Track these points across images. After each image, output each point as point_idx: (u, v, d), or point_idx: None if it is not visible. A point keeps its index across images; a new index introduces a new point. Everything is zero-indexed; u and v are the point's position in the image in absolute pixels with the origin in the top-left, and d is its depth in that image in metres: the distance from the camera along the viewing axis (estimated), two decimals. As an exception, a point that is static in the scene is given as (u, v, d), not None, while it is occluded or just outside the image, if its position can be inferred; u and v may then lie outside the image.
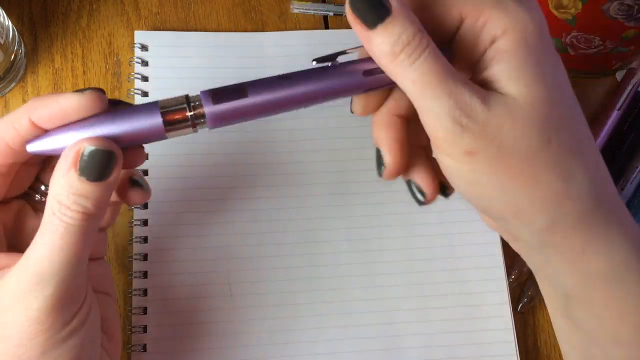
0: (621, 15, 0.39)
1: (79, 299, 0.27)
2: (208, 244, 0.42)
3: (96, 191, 0.26)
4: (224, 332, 0.40)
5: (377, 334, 0.41)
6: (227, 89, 0.28)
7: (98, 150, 0.26)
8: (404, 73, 0.25)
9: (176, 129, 0.27)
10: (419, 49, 0.25)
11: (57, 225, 0.26)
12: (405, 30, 0.25)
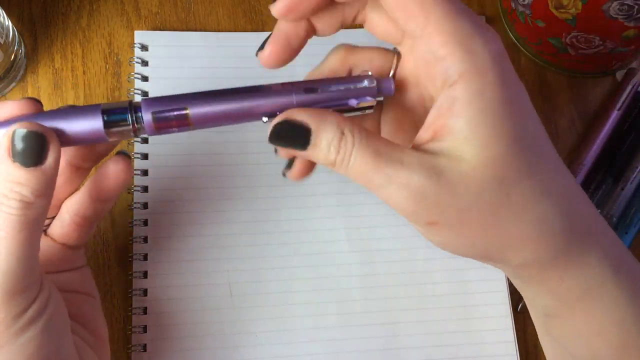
0: (621, 15, 0.39)
1: (33, 289, 0.27)
2: (208, 244, 0.42)
3: (32, 177, 0.25)
4: (224, 332, 0.40)
5: (377, 334, 0.41)
6: (167, 100, 0.28)
7: (29, 132, 0.25)
8: (347, 174, 0.26)
9: (116, 132, 0.27)
10: (347, 152, 0.26)
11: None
12: (330, 143, 0.26)
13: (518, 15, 0.46)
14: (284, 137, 0.27)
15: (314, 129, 0.26)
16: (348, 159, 0.26)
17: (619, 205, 0.44)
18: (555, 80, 0.48)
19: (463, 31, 0.25)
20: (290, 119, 0.27)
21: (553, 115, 0.47)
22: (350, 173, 0.26)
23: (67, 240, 0.33)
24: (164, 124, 0.27)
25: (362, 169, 0.26)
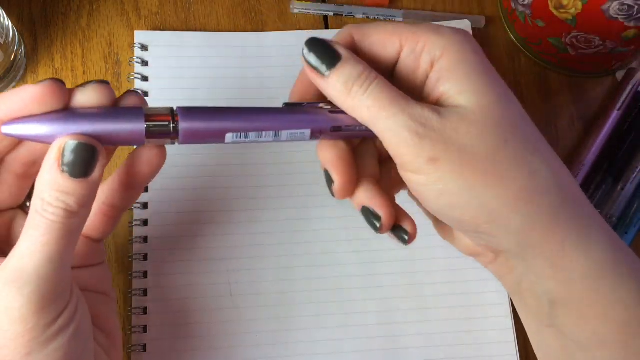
0: (621, 15, 0.39)
1: (64, 297, 0.27)
2: (208, 244, 0.42)
3: (79, 188, 0.26)
4: (224, 332, 0.40)
5: (377, 334, 0.41)
6: (207, 114, 0.28)
7: (80, 144, 0.26)
8: (359, 103, 0.27)
9: (156, 137, 0.27)
10: (369, 80, 0.27)
11: (39, 222, 0.25)
12: (354, 68, 0.28)
13: (518, 15, 0.46)
14: (318, 48, 0.28)
15: (344, 54, 0.28)
16: (367, 86, 0.27)
17: (619, 205, 0.44)
18: (555, 80, 0.48)
19: (430, 27, 0.29)
20: (326, 40, 0.29)
21: (553, 115, 0.47)
22: (363, 101, 0.27)
23: (92, 231, 0.33)
24: (199, 137, 0.28)
25: (379, 97, 0.27)
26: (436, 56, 0.28)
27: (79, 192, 0.26)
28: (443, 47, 0.28)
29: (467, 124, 0.27)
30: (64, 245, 0.26)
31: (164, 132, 0.27)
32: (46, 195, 0.25)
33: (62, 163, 0.25)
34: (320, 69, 0.28)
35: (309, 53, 0.28)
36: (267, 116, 0.29)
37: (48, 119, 0.26)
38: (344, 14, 0.48)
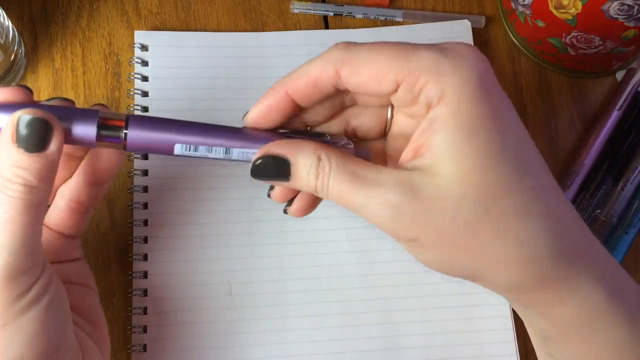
0: (621, 15, 0.39)
1: (35, 271, 0.27)
2: (208, 244, 0.42)
3: (36, 163, 0.26)
4: (224, 332, 0.40)
5: (377, 334, 0.41)
6: (156, 120, 0.29)
7: (34, 119, 0.26)
8: (328, 197, 0.27)
9: (105, 142, 0.28)
10: (326, 176, 0.27)
11: (1, 199, 0.26)
12: (309, 170, 0.27)
13: (518, 15, 0.46)
14: (265, 172, 0.28)
15: (292, 161, 0.27)
16: (327, 183, 0.27)
17: (619, 205, 0.44)
18: (555, 80, 0.48)
19: (428, 60, 0.26)
20: (269, 153, 0.28)
21: (553, 115, 0.47)
22: (331, 197, 0.27)
23: (63, 228, 0.34)
24: (147, 146, 0.29)
25: (340, 191, 0.26)
26: (434, 102, 0.26)
27: (36, 166, 0.26)
28: (442, 92, 0.25)
29: (442, 199, 0.25)
30: (29, 220, 0.26)
31: (114, 137, 0.28)
32: (5, 172, 0.26)
33: (17, 139, 0.26)
34: (280, 181, 0.28)
35: (259, 175, 0.28)
36: (219, 132, 0.29)
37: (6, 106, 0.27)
38: (344, 14, 0.48)
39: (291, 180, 0.27)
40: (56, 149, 0.26)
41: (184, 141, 0.28)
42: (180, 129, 0.28)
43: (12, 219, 0.26)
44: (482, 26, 0.49)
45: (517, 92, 0.48)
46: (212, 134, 0.29)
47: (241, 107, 0.44)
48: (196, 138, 0.28)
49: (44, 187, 0.27)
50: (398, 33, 0.47)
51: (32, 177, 0.26)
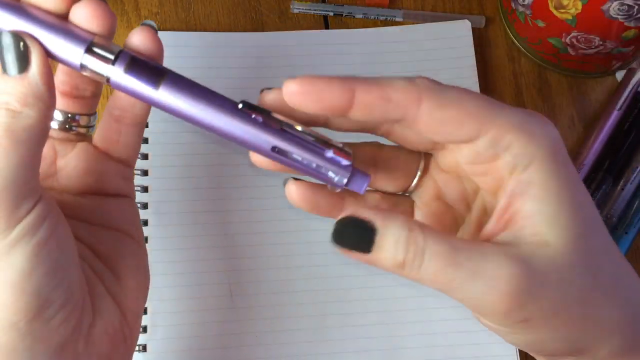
0: (621, 15, 0.39)
1: (28, 199, 0.24)
2: (208, 244, 0.42)
3: (16, 85, 0.24)
4: (224, 332, 0.40)
5: (377, 334, 0.41)
6: (148, 66, 0.27)
7: (6, 35, 0.24)
8: (420, 277, 0.23)
9: (89, 71, 0.26)
10: (419, 251, 0.23)
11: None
12: (398, 241, 0.23)
13: (518, 15, 0.46)
14: (348, 237, 0.24)
15: (379, 226, 0.23)
16: (421, 257, 0.23)
17: (619, 205, 0.44)
18: (555, 80, 0.48)
19: (519, 118, 0.24)
20: (355, 215, 0.24)
21: (553, 115, 0.47)
22: (425, 274, 0.23)
23: (109, 144, 0.30)
24: (128, 89, 0.26)
25: (438, 267, 0.23)
26: (523, 164, 0.24)
27: (17, 89, 0.24)
28: (533, 155, 0.23)
29: (557, 271, 0.23)
30: (10, 147, 0.23)
31: (98, 71, 0.25)
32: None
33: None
34: (359, 249, 0.24)
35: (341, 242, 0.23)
36: (208, 103, 0.27)
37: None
38: (344, 14, 0.48)
39: (374, 251, 0.23)
40: (38, 69, 0.24)
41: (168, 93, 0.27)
42: (172, 85, 0.27)
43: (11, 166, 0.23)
44: (482, 26, 0.49)
45: (517, 92, 0.48)
46: (199, 104, 0.27)
47: (241, 107, 0.44)
48: (180, 94, 0.27)
49: (31, 113, 0.24)
50: (398, 33, 0.47)
51: (15, 101, 0.24)
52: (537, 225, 0.23)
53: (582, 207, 0.24)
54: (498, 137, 0.24)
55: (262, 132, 0.26)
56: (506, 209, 0.24)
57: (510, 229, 0.24)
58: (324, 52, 0.47)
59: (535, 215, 0.23)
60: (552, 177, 0.23)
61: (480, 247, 0.23)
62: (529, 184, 0.24)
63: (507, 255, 0.23)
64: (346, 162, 0.26)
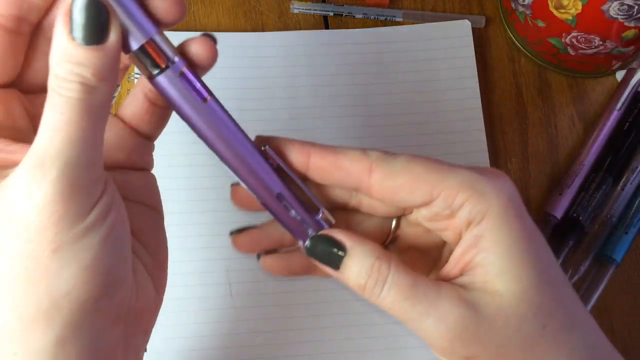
0: (621, 15, 0.39)
1: (95, 188, 0.23)
2: (208, 244, 0.42)
3: (93, 57, 0.22)
4: (223, 332, 0.40)
5: (377, 334, 0.41)
6: (199, 82, 0.26)
7: (89, 2, 0.22)
8: (378, 303, 0.26)
9: (140, 60, 0.24)
10: (381, 278, 0.26)
11: (57, 100, 0.22)
12: (363, 264, 0.26)
13: (518, 15, 0.46)
14: (320, 252, 0.27)
15: (349, 247, 0.26)
16: (381, 286, 0.26)
17: (619, 205, 0.44)
18: (555, 80, 0.48)
19: (468, 178, 0.26)
20: (329, 234, 0.27)
21: (553, 115, 0.47)
22: (384, 302, 0.26)
23: (139, 121, 0.29)
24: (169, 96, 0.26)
25: (397, 298, 0.25)
26: (476, 219, 0.26)
27: (94, 61, 0.22)
28: (485, 210, 0.26)
29: (504, 318, 0.25)
30: (88, 125, 0.22)
31: (146, 68, 0.25)
32: (59, 70, 0.22)
33: (72, 29, 0.22)
34: (329, 267, 0.27)
35: (312, 255, 0.27)
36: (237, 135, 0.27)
37: None
38: (344, 14, 0.48)
39: (342, 268, 0.26)
40: (116, 40, 0.22)
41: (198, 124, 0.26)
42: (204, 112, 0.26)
43: (71, 122, 0.22)
44: (482, 26, 0.49)
45: (517, 92, 0.48)
46: (224, 133, 0.27)
47: (241, 107, 0.44)
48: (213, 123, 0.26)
49: (105, 89, 0.23)
50: (398, 33, 0.47)
51: (91, 75, 0.22)
52: (489, 275, 0.25)
53: (533, 259, 0.26)
54: (450, 198, 0.26)
55: (275, 177, 0.27)
56: (461, 258, 0.26)
57: (466, 274, 0.26)
58: (324, 52, 0.47)
59: (487, 266, 0.26)
60: (502, 232, 0.25)
61: (437, 287, 0.26)
62: (482, 238, 0.26)
63: (459, 298, 0.25)
64: (327, 227, 0.28)
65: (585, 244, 0.43)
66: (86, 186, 0.23)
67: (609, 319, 0.43)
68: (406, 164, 0.27)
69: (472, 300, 0.25)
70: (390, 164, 0.27)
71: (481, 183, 0.26)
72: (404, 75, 0.46)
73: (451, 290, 0.26)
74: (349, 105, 0.45)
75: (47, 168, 0.22)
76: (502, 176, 0.27)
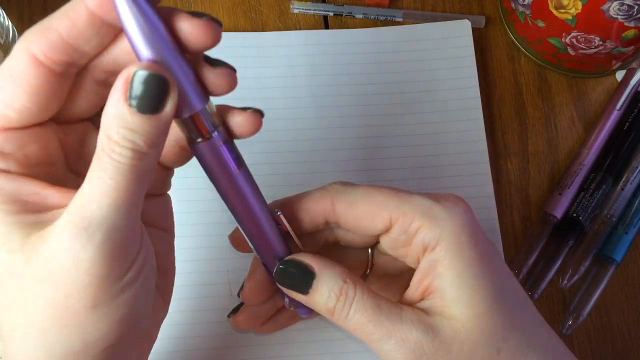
0: (621, 15, 0.39)
1: (134, 249, 0.24)
2: (208, 244, 0.42)
3: (148, 125, 0.22)
4: (224, 332, 0.40)
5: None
6: (237, 153, 0.28)
7: (151, 75, 0.22)
8: (345, 324, 0.27)
9: (186, 126, 0.25)
10: (348, 301, 0.27)
11: (106, 163, 0.22)
12: (331, 290, 0.27)
13: (518, 15, 0.46)
14: (289, 278, 0.28)
15: (317, 272, 0.28)
16: (348, 308, 0.27)
17: (619, 205, 0.44)
18: (555, 80, 0.48)
19: (423, 205, 0.28)
20: (296, 259, 0.28)
21: (553, 115, 0.47)
22: (349, 324, 0.27)
23: (166, 160, 0.30)
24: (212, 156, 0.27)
25: (361, 320, 0.27)
26: (431, 245, 0.27)
27: (148, 129, 0.22)
28: (439, 236, 0.27)
29: (460, 342, 0.26)
30: (134, 190, 0.23)
31: (188, 133, 0.26)
32: (112, 133, 0.22)
33: (130, 96, 0.22)
34: (298, 292, 0.28)
35: (282, 280, 0.28)
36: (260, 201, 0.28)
37: None
38: (344, 14, 0.48)
39: (310, 293, 0.28)
40: (171, 111, 0.23)
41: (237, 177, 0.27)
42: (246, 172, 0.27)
43: (117, 188, 0.22)
44: (482, 26, 0.49)
45: (517, 92, 0.48)
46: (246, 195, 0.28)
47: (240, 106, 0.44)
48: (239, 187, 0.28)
49: (154, 154, 0.23)
50: (398, 33, 0.47)
51: (143, 142, 0.22)
52: (445, 300, 0.27)
53: (487, 283, 0.27)
54: (406, 224, 0.28)
55: (282, 244, 0.29)
56: (420, 282, 0.28)
57: (426, 299, 0.28)
58: (324, 52, 0.47)
59: (442, 292, 0.27)
60: (456, 257, 0.27)
61: (399, 311, 0.27)
62: (437, 263, 0.27)
63: (419, 322, 0.26)
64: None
65: (585, 244, 0.43)
66: (127, 246, 0.24)
67: (609, 319, 0.43)
68: (366, 192, 0.28)
69: (431, 324, 0.26)
70: (350, 195, 0.28)
71: (435, 209, 0.27)
72: (404, 75, 0.46)
73: (412, 314, 0.27)
74: (349, 105, 0.45)
75: (93, 232, 0.22)
76: (459, 202, 0.28)
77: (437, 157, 0.45)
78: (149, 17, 0.22)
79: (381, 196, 0.28)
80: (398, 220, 0.28)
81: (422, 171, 0.44)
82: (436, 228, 0.27)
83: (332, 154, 0.44)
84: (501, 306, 0.27)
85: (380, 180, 0.44)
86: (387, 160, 0.44)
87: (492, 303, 0.27)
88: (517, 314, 0.28)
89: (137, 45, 0.23)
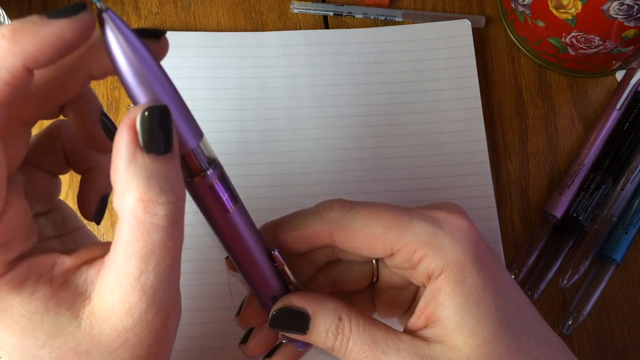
0: (621, 15, 0.39)
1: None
2: (208, 244, 0.42)
3: (171, 167, 0.19)
4: (224, 332, 0.40)
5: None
6: (232, 189, 0.26)
7: (157, 109, 0.19)
8: (345, 358, 0.27)
9: (186, 163, 0.23)
10: (345, 339, 0.27)
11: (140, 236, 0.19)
12: (328, 329, 0.27)
13: (518, 15, 0.46)
14: (284, 323, 0.28)
15: (311, 315, 0.27)
16: (346, 345, 0.27)
17: (619, 205, 0.44)
18: (555, 80, 0.48)
19: (425, 234, 0.27)
20: (289, 305, 0.28)
21: (553, 115, 0.47)
22: (349, 358, 0.27)
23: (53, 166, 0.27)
24: (204, 193, 0.25)
25: (359, 356, 0.27)
26: (435, 273, 0.27)
27: (172, 173, 0.19)
28: (443, 265, 0.27)
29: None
30: (180, 233, 0.20)
31: (197, 166, 0.24)
32: (141, 192, 0.18)
33: (144, 141, 0.19)
34: (297, 333, 0.28)
35: (277, 325, 0.28)
36: (256, 238, 0.28)
37: None
38: (344, 13, 0.48)
39: (308, 334, 0.28)
40: (177, 149, 0.20)
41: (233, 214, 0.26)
42: (240, 207, 0.26)
43: (172, 265, 0.20)
44: (482, 26, 0.49)
45: (517, 92, 0.48)
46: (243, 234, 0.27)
47: (240, 107, 0.44)
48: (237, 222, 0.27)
49: (182, 196, 0.20)
50: (398, 33, 0.47)
51: (179, 189, 0.19)
52: (447, 329, 0.26)
53: (491, 310, 0.26)
54: (409, 254, 0.27)
55: (277, 282, 0.29)
56: (424, 310, 0.27)
57: (429, 327, 0.27)
58: (324, 52, 0.47)
59: (445, 320, 0.26)
60: (458, 286, 0.26)
61: (396, 342, 0.27)
62: (440, 291, 0.27)
63: (416, 354, 0.26)
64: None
65: (585, 244, 0.43)
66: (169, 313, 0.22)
67: (609, 319, 0.43)
68: (364, 221, 0.28)
69: (430, 355, 0.26)
70: (348, 226, 0.28)
71: (438, 238, 0.27)
72: (404, 75, 0.46)
73: (410, 345, 0.27)
74: (349, 105, 0.45)
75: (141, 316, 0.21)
76: (462, 223, 0.28)
77: (437, 157, 0.45)
78: (145, 59, 0.20)
79: (380, 225, 0.28)
80: (400, 251, 0.27)
81: (422, 171, 0.44)
82: (440, 258, 0.27)
83: (332, 154, 0.44)
84: (506, 331, 0.27)
85: (380, 181, 0.44)
86: (387, 160, 0.44)
87: (497, 329, 0.26)
88: (522, 338, 0.27)
89: (133, 90, 0.20)
